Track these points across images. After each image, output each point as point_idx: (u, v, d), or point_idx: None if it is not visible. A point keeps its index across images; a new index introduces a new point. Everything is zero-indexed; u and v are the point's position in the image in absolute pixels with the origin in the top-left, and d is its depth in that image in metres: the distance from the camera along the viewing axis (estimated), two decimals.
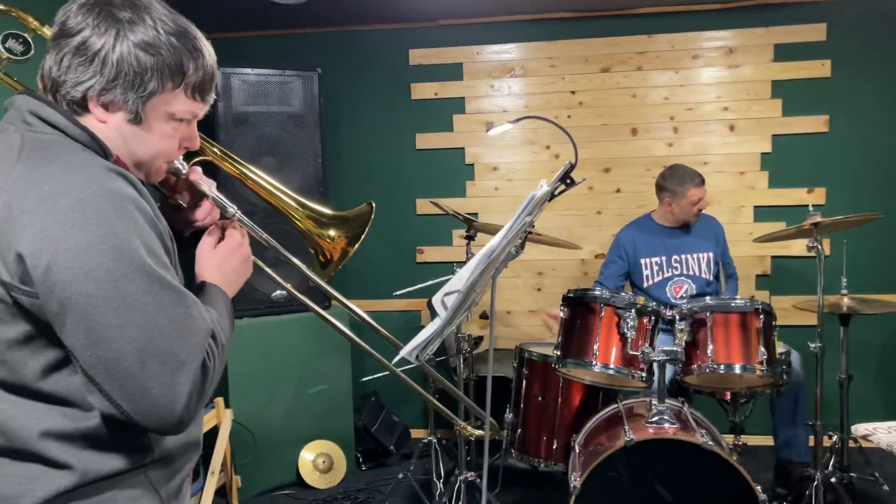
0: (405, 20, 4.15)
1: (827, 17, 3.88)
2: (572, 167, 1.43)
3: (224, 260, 1.27)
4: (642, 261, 3.52)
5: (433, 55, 4.23)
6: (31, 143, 1.07)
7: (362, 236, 1.41)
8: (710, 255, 3.50)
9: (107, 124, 1.13)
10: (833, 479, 2.99)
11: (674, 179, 3.44)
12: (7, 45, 1.29)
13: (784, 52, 3.94)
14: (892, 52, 3.86)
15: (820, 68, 3.90)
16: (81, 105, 1.12)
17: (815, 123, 3.94)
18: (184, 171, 1.29)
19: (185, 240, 1.35)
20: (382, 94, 4.28)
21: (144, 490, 1.13)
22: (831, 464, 3.09)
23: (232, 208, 1.35)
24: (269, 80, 3.59)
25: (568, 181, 1.44)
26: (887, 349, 3.97)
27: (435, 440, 3.40)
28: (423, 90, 4.25)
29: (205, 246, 1.28)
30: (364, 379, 3.75)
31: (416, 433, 4.31)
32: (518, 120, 3.05)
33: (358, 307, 1.58)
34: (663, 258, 3.50)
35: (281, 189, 1.46)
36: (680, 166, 3.49)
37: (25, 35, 1.32)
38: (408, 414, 4.35)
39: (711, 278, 3.51)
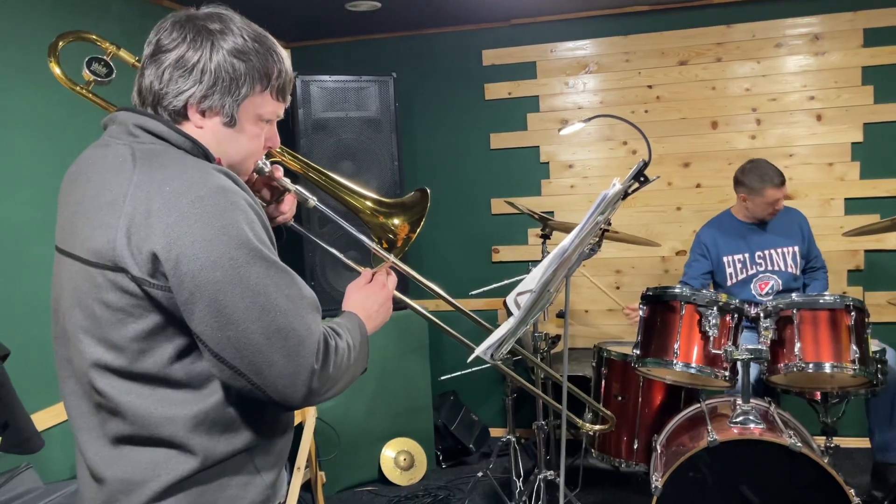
0: (477, 21, 4.18)
1: None
2: (646, 165, 1.42)
3: (367, 297, 1.41)
4: (725, 259, 3.41)
5: (506, 55, 4.23)
6: (141, 153, 1.16)
7: (422, 221, 1.46)
8: (796, 248, 3.37)
9: (203, 130, 1.22)
10: None
11: (753, 176, 3.30)
12: (92, 69, 1.38)
13: (874, 37, 3.75)
14: None
15: None
16: (181, 114, 1.21)
17: None
18: (267, 170, 1.38)
19: None
20: (456, 96, 4.32)
21: (251, 475, 1.22)
22: None
23: (312, 199, 1.46)
24: (346, 87, 3.68)
25: (641, 179, 1.43)
26: None
27: (514, 439, 3.40)
28: (496, 90, 4.27)
29: (354, 284, 1.43)
30: (442, 378, 3.79)
31: (495, 432, 4.33)
32: (589, 119, 3.04)
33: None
34: (746, 255, 3.39)
35: (343, 184, 1.53)
36: (762, 162, 3.35)
37: (106, 58, 1.41)
38: (486, 412, 4.37)
39: (798, 273, 3.38)
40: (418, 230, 1.46)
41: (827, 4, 3.81)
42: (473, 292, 3.41)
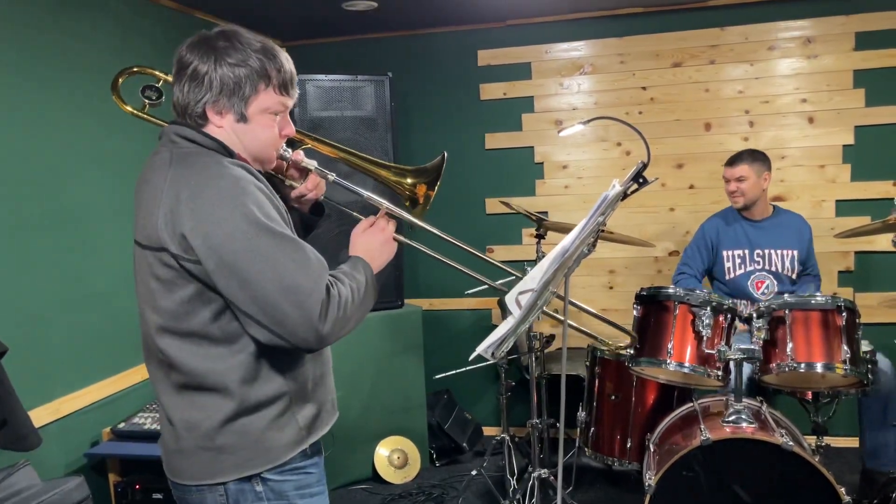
0: (473, 21, 4.19)
1: None
2: (644, 166, 1.44)
3: (368, 239, 1.62)
4: (724, 253, 3.47)
5: (501, 55, 4.25)
6: (177, 155, 1.44)
7: (439, 180, 1.75)
8: (795, 252, 3.41)
9: (223, 129, 1.47)
10: None
11: None
12: (146, 95, 1.67)
13: (866, 41, 3.79)
14: None
15: None
16: (203, 117, 1.47)
17: None
18: (289, 155, 1.61)
19: (308, 217, 1.75)
20: (452, 96, 4.33)
21: (288, 418, 1.48)
22: None
23: (331, 175, 1.68)
24: (342, 86, 3.69)
25: (640, 181, 1.45)
26: None
27: (508, 437, 3.42)
28: (491, 90, 4.28)
29: (356, 230, 1.64)
30: (436, 376, 3.80)
31: (489, 430, 4.35)
32: (589, 121, 3.06)
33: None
34: (746, 251, 3.44)
35: (368, 157, 1.81)
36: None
37: (157, 85, 1.68)
38: (480, 411, 4.39)
39: (795, 277, 3.41)
40: (436, 188, 1.73)
41: (819, 8, 3.84)
42: (469, 291, 3.43)
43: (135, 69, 1.75)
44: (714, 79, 4.01)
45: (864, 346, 2.75)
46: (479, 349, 1.39)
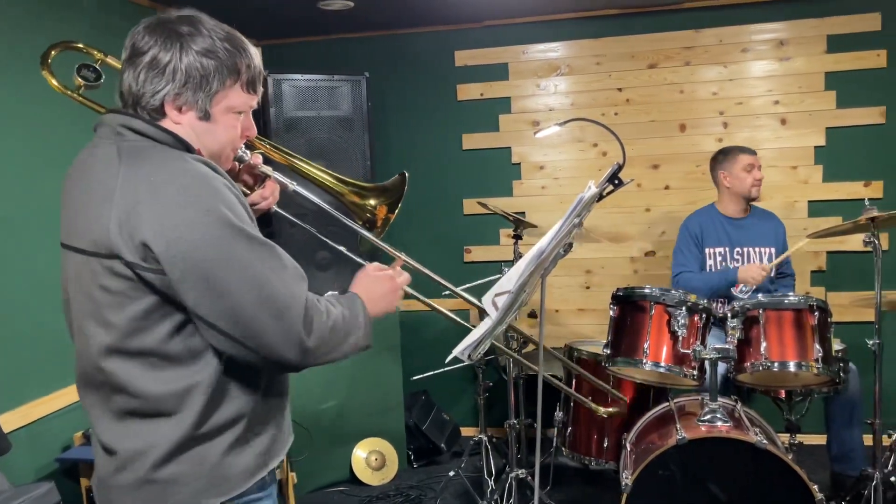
0: (450, 22, 4.19)
1: (881, 6, 3.77)
2: (620, 168, 1.45)
3: (374, 282, 1.48)
4: (707, 250, 3.49)
5: (479, 56, 4.25)
6: (126, 150, 1.26)
7: (400, 203, 1.59)
8: (772, 251, 3.44)
9: (181, 125, 1.31)
10: (893, 479, 2.92)
11: (725, 151, 3.51)
12: (82, 74, 1.51)
13: (837, 43, 3.85)
14: None
15: (875, 59, 3.81)
16: (159, 111, 1.30)
17: (870, 115, 3.84)
18: (247, 158, 1.48)
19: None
20: (429, 96, 4.32)
21: (244, 444, 1.32)
22: (890, 463, 3.01)
23: (291, 184, 1.56)
24: (318, 86, 3.66)
25: (616, 182, 1.46)
26: None
27: (485, 438, 3.42)
28: (468, 91, 4.28)
29: (367, 268, 1.51)
30: (414, 377, 3.79)
31: (466, 431, 4.34)
32: (565, 122, 3.07)
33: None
34: (726, 249, 3.46)
35: (324, 170, 1.66)
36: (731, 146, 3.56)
37: (95, 65, 1.53)
38: (457, 412, 4.39)
39: (773, 275, 3.45)
40: (396, 211, 1.59)
41: (792, 11, 3.89)
42: (446, 292, 3.41)
43: (77, 44, 1.58)
44: (689, 80, 4.04)
45: (836, 346, 2.79)
46: (456, 351, 1.39)
